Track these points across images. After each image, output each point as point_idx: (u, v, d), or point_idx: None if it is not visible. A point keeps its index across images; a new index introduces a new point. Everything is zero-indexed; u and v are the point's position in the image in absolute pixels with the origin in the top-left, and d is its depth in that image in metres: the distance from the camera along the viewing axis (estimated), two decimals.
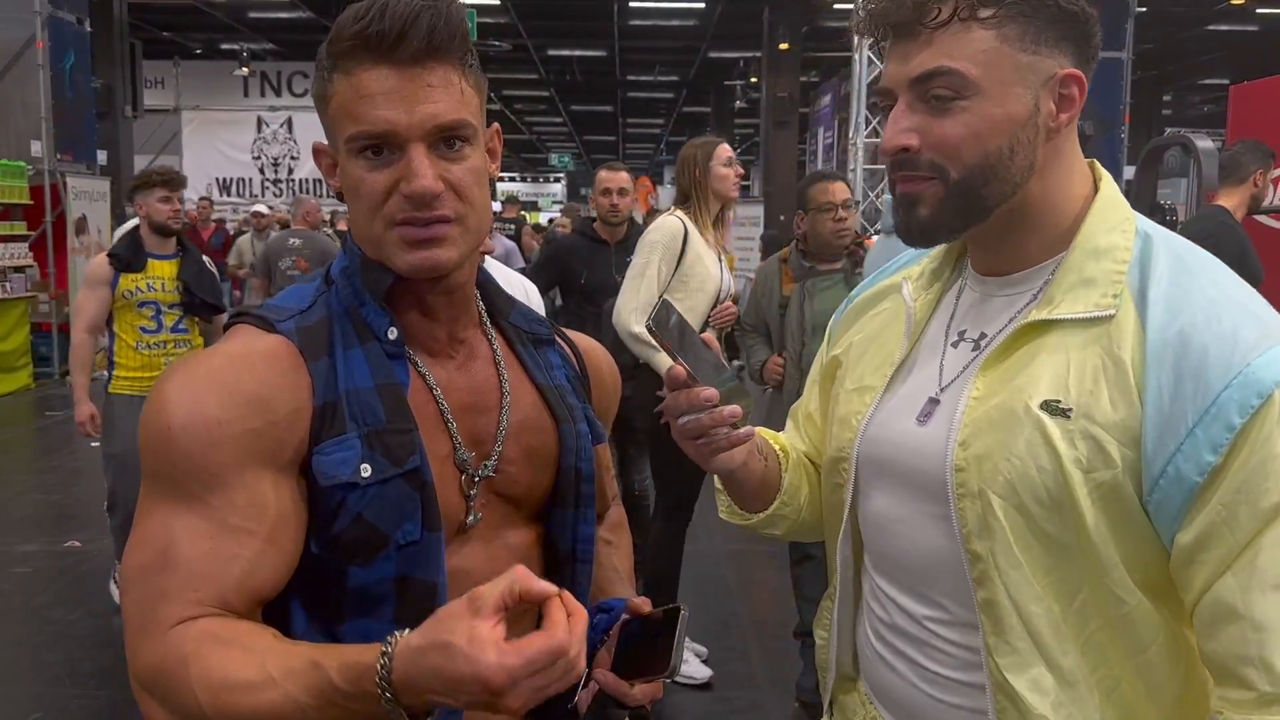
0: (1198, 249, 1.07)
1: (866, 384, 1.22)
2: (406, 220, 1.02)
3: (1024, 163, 1.04)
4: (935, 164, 1.05)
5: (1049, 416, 1.00)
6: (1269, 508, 0.93)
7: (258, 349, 1.03)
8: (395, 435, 1.03)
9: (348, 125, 1.01)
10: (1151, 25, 16.17)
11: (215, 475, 0.97)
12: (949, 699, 1.11)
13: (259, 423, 0.98)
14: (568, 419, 1.19)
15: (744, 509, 1.33)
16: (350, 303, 1.09)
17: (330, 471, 1.00)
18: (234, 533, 0.97)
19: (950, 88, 1.02)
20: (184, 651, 0.91)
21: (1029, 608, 1.02)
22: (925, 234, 1.09)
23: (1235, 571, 0.94)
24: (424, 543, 1.04)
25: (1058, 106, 1.05)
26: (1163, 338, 0.97)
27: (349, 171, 1.04)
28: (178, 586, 0.95)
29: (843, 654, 1.29)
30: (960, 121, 1.03)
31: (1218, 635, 0.96)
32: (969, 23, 1.02)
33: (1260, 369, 0.94)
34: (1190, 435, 0.94)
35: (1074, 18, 1.04)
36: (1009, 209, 1.07)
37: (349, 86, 1.01)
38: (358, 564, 1.02)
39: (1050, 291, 1.05)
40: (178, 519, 0.97)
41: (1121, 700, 1.03)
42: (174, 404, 0.98)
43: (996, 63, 1.02)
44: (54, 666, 3.79)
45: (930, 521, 1.10)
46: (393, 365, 1.07)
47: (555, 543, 1.20)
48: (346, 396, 1.03)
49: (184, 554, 0.96)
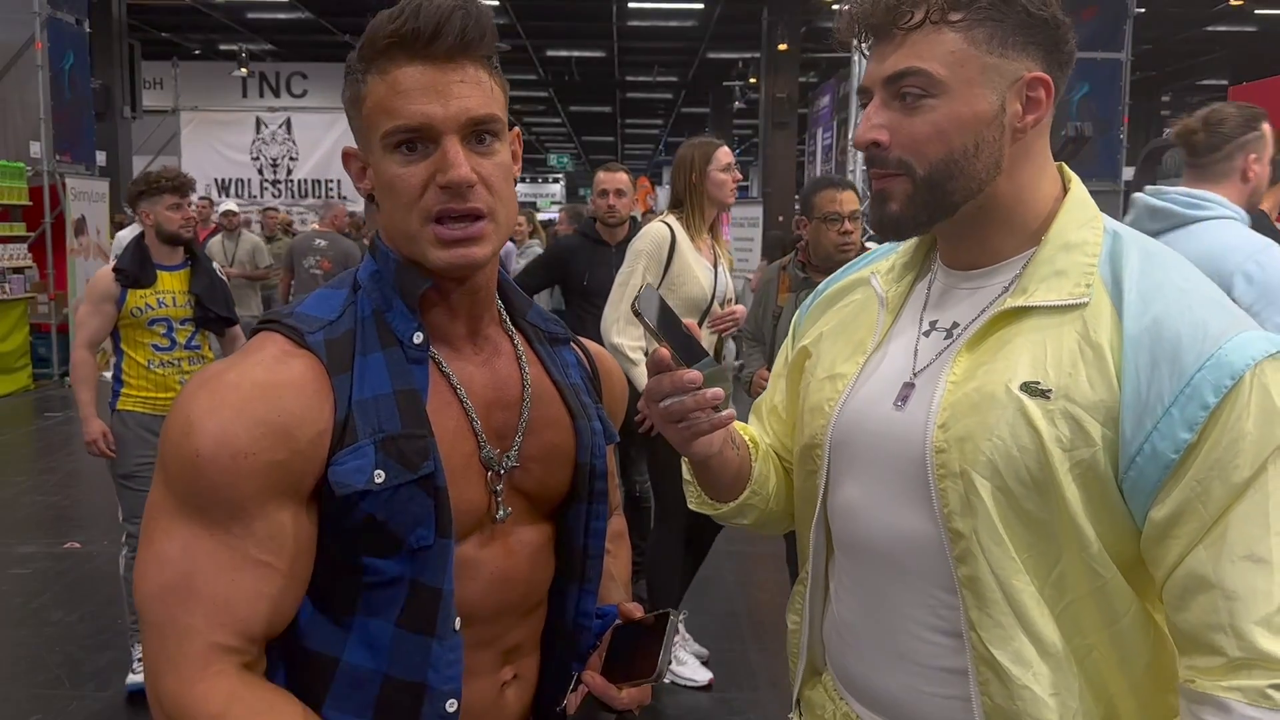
0: (1164, 246, 1.13)
1: (838, 372, 1.24)
2: (444, 213, 1.04)
3: (989, 161, 1.09)
4: (903, 160, 1.10)
5: (1029, 397, 1.04)
6: (1240, 482, 0.98)
7: (286, 378, 1.03)
8: (410, 441, 1.04)
9: (384, 121, 1.04)
10: (1150, 26, 16.18)
11: (240, 505, 0.99)
12: (929, 688, 1.13)
13: (284, 454, 1.00)
14: (583, 416, 1.21)
15: (714, 499, 1.35)
16: (378, 306, 1.10)
17: (345, 480, 1.02)
18: (256, 566, 0.99)
19: (919, 86, 1.08)
20: (213, 711, 0.96)
21: (1011, 581, 1.06)
22: (895, 228, 1.15)
23: (1207, 544, 0.99)
24: (435, 548, 1.05)
25: (1024, 108, 1.09)
26: (1139, 325, 1.03)
27: (384, 169, 1.06)
28: (204, 623, 0.97)
29: (813, 643, 1.31)
30: (927, 120, 1.08)
31: (1189, 606, 1.00)
32: (940, 25, 1.07)
33: (1231, 352, 0.99)
34: (1167, 415, 0.99)
35: (1043, 23, 1.08)
36: (978, 206, 1.12)
37: (385, 85, 1.04)
38: (373, 555, 1.04)
39: (1024, 282, 1.10)
40: (199, 544, 0.99)
41: (1094, 669, 1.07)
42: (202, 431, 0.99)
43: (963, 64, 1.07)
44: (53, 668, 3.78)
45: (908, 502, 1.13)
46: (413, 370, 1.08)
47: (568, 539, 1.21)
48: (359, 406, 1.04)
49: (210, 586, 0.98)
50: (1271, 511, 0.98)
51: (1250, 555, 0.98)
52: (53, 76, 10.22)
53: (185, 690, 0.96)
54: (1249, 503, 0.98)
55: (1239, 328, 1.02)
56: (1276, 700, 0.95)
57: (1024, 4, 1.07)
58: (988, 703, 1.08)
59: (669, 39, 20.16)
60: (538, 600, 1.20)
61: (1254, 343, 1.01)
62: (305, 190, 17.23)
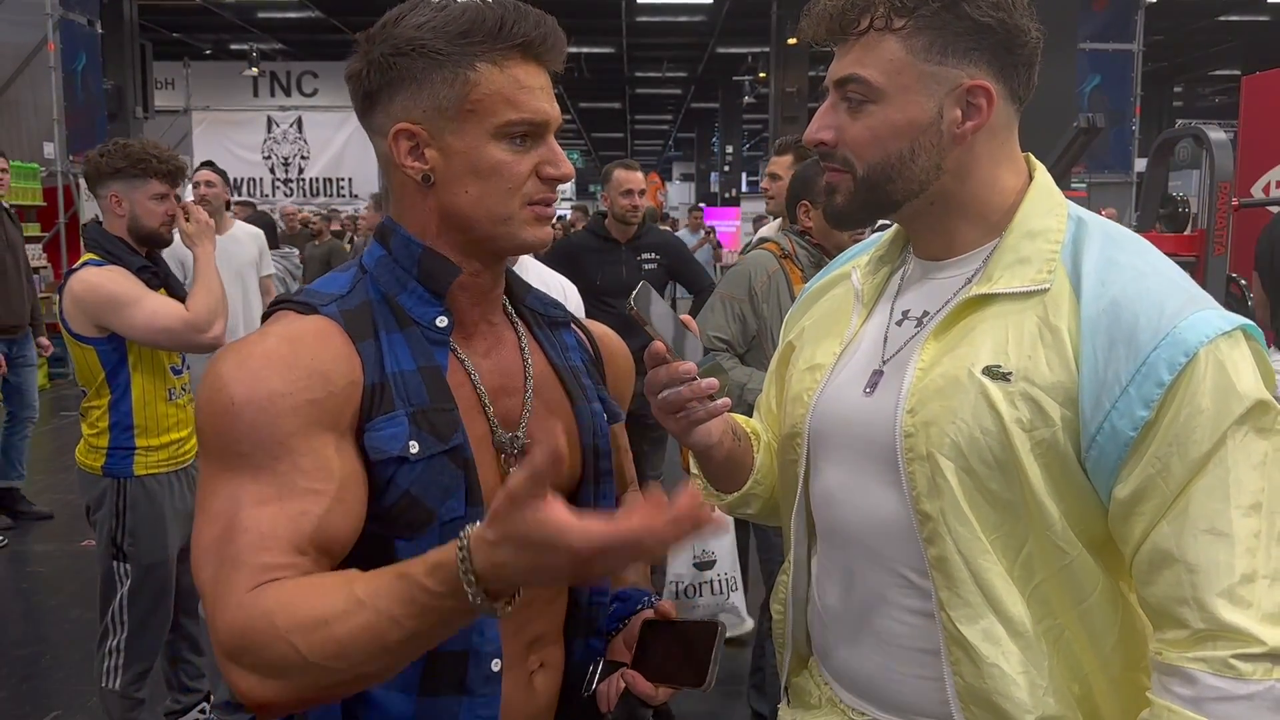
0: (1128, 230, 1.16)
1: (817, 362, 1.29)
2: (543, 199, 1.12)
3: (927, 164, 1.13)
4: (846, 159, 1.16)
5: (991, 380, 1.08)
6: (1199, 457, 1.01)
7: (308, 329, 1.07)
8: (439, 414, 1.08)
9: (506, 111, 1.09)
10: (1162, 16, 16.09)
11: (281, 444, 1.00)
12: (904, 669, 1.17)
13: (320, 393, 1.02)
14: (581, 398, 1.24)
15: (719, 489, 1.39)
16: (390, 290, 1.13)
17: (381, 446, 1.04)
18: (302, 494, 1.00)
19: (859, 92, 1.13)
20: (267, 607, 0.93)
21: (978, 561, 1.09)
22: (839, 219, 1.21)
23: (1170, 519, 1.02)
24: (467, 518, 1.08)
25: (964, 115, 1.12)
26: (1097, 307, 1.06)
27: (488, 153, 1.09)
28: (248, 550, 0.96)
29: (798, 631, 1.35)
30: (866, 124, 1.13)
31: (1155, 581, 1.04)
32: (883, 33, 1.12)
33: (1186, 330, 1.02)
34: (1124, 393, 1.02)
35: (989, 30, 1.10)
36: (929, 201, 1.16)
37: (504, 77, 1.09)
38: (405, 537, 1.06)
39: (989, 270, 1.14)
40: (243, 490, 0.99)
41: (1066, 648, 1.10)
42: (235, 381, 1.01)
43: (901, 71, 1.11)
44: (72, 665, 3.82)
45: (881, 487, 1.16)
46: (433, 350, 1.11)
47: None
48: (393, 378, 1.07)
49: (251, 519, 0.98)
50: (1231, 485, 1.01)
51: (1211, 529, 1.01)
52: (65, 77, 10.28)
53: (237, 614, 0.93)
54: (1209, 477, 1.01)
55: (1195, 307, 1.04)
56: (1240, 670, 0.98)
57: (969, 11, 1.09)
58: (959, 682, 1.11)
59: (678, 34, 20.15)
60: (558, 587, 1.22)
61: (1208, 321, 1.03)
62: (317, 189, 17.27)
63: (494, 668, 1.11)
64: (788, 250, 3.00)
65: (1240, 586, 1.00)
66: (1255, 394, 1.02)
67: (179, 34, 19.50)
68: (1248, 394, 1.02)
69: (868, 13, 1.12)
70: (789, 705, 1.38)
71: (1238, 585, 1.00)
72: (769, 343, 2.93)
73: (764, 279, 2.95)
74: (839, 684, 1.26)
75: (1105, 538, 1.10)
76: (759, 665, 3.15)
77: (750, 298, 2.95)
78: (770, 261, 2.99)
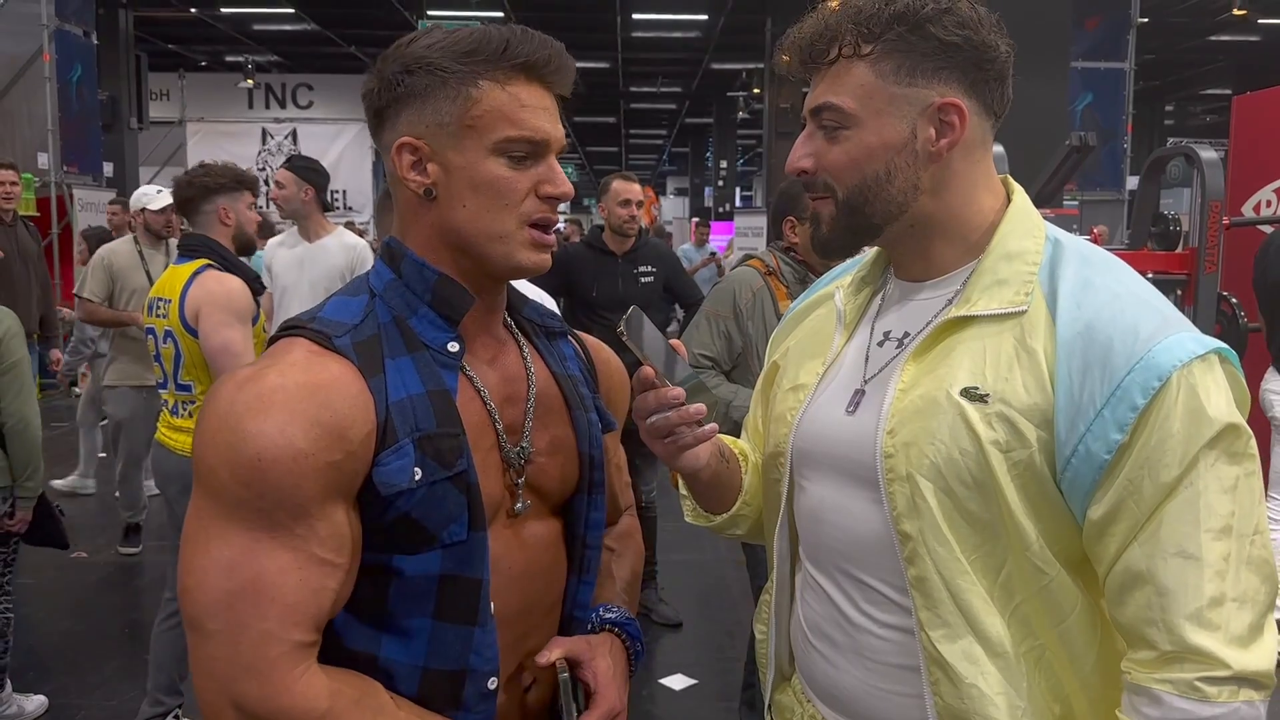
0: (1104, 252, 1.16)
1: (800, 382, 1.30)
2: (542, 220, 1.12)
3: (905, 184, 1.15)
4: (827, 184, 1.18)
5: (968, 402, 1.08)
6: (1169, 481, 1.02)
7: (329, 378, 1.04)
8: (445, 440, 1.07)
9: (504, 128, 1.09)
10: (1153, 35, 16.20)
11: (302, 506, 1.00)
12: (885, 685, 1.17)
13: (339, 455, 1.02)
14: (579, 407, 1.24)
15: (708, 510, 1.41)
16: (399, 312, 1.13)
17: (390, 480, 1.04)
18: (320, 565, 1.01)
19: (833, 120, 1.15)
20: (318, 708, 1.00)
21: (957, 581, 1.10)
22: (824, 248, 1.23)
23: (1141, 541, 1.03)
24: (469, 542, 1.09)
25: (938, 133, 1.14)
26: (1072, 330, 1.06)
27: (485, 169, 1.10)
28: (279, 625, 0.99)
29: (780, 649, 1.35)
30: (843, 150, 1.15)
31: (1126, 601, 1.05)
32: (852, 60, 1.14)
33: (1159, 354, 1.03)
34: (1099, 416, 1.03)
35: (955, 48, 1.12)
36: (908, 224, 1.17)
37: (505, 95, 1.10)
38: (404, 552, 1.07)
39: (967, 292, 1.15)
40: (261, 548, 0.99)
41: (1047, 668, 1.11)
42: (259, 434, 0.99)
43: (871, 95, 1.13)
44: (61, 676, 3.80)
45: (862, 505, 1.17)
46: (442, 373, 1.11)
47: (571, 530, 1.24)
48: (398, 406, 1.06)
49: (277, 588, 0.99)
50: (1201, 509, 1.02)
51: (1181, 551, 1.01)
52: (60, 88, 10.28)
53: (281, 692, 0.98)
54: (1179, 500, 1.02)
55: (1169, 330, 1.05)
56: (1204, 692, 1.00)
57: (934, 32, 1.11)
58: (939, 701, 1.11)
59: (673, 50, 20.23)
60: (555, 597, 1.23)
61: (1182, 345, 1.04)
62: None
63: (490, 685, 1.12)
64: (772, 267, 3.01)
65: (1208, 609, 1.00)
66: (1226, 418, 1.03)
67: (174, 45, 19.53)
68: (1218, 418, 1.02)
69: (835, 41, 1.14)
70: None
71: (1206, 608, 1.00)
72: (754, 359, 2.93)
73: (749, 296, 2.96)
74: (821, 701, 1.26)
75: (1082, 558, 1.10)
76: (750, 681, 3.15)
77: (735, 315, 2.96)
78: (755, 278, 2.99)
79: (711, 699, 3.74)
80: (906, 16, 1.11)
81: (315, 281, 4.17)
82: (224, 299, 3.02)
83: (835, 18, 1.15)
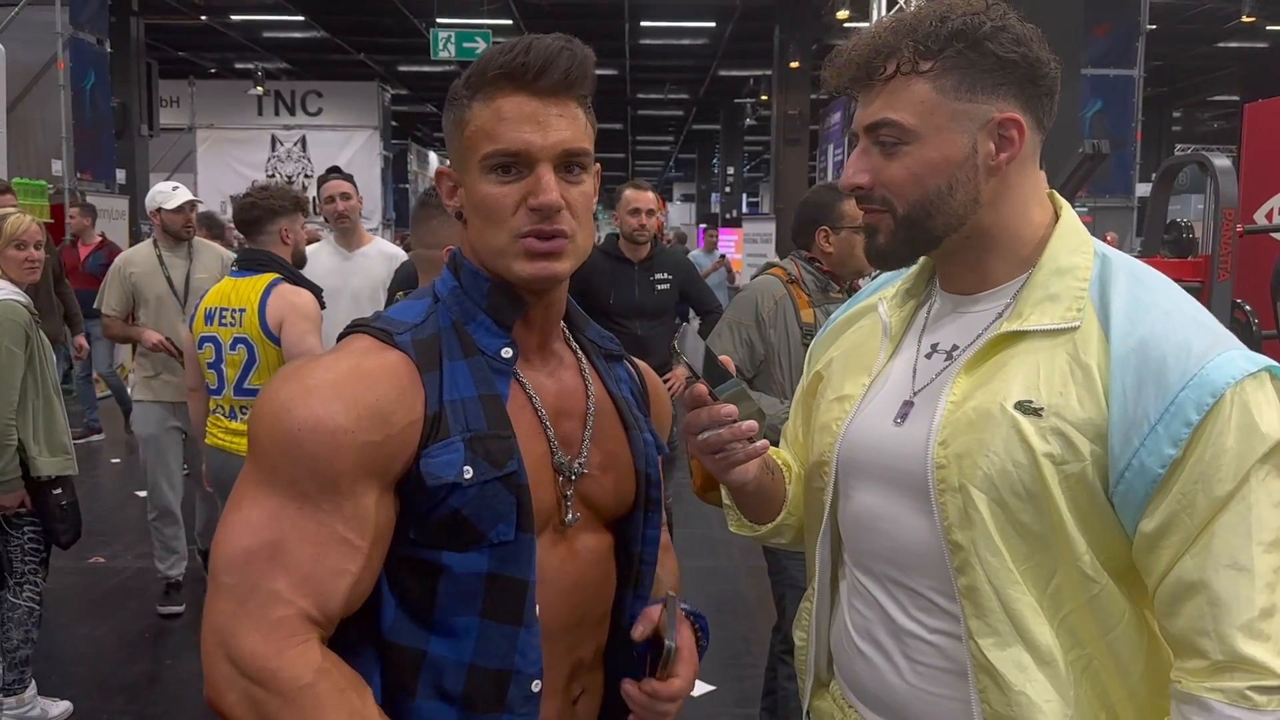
0: (1150, 268, 1.19)
1: (846, 393, 1.32)
2: (532, 233, 1.12)
3: (965, 198, 1.17)
4: (886, 199, 1.19)
5: (1023, 415, 1.10)
6: (1223, 495, 1.04)
7: (380, 364, 1.09)
8: (496, 441, 1.10)
9: (484, 144, 1.12)
10: (1161, 42, 16.21)
11: (332, 481, 1.03)
12: (933, 690, 1.19)
13: (378, 436, 1.05)
14: (636, 427, 1.27)
15: (753, 520, 1.42)
16: (458, 318, 1.17)
17: (437, 472, 1.07)
18: (341, 543, 1.04)
19: (893, 135, 1.17)
20: (300, 678, 1.00)
21: (1008, 591, 1.11)
22: (882, 259, 1.25)
23: (1193, 553, 1.06)
24: (517, 543, 1.11)
25: (997, 147, 1.16)
26: (1125, 346, 1.09)
27: (478, 188, 1.13)
28: (289, 589, 1.01)
29: (820, 656, 1.37)
30: (903, 165, 1.17)
31: (1178, 612, 1.07)
32: (910, 76, 1.15)
33: (1213, 371, 1.05)
34: (1152, 432, 1.05)
35: (1013, 65, 1.14)
36: (965, 236, 1.19)
37: (489, 111, 1.12)
38: (454, 549, 1.09)
39: (1019, 307, 1.17)
40: (287, 514, 1.03)
41: (1094, 677, 1.13)
42: (302, 407, 1.04)
43: (933, 112, 1.15)
44: (83, 681, 3.82)
45: (912, 515, 1.19)
46: (495, 378, 1.14)
47: (626, 546, 1.26)
48: (451, 405, 1.10)
49: (295, 556, 1.02)
50: (1253, 522, 1.04)
51: (1234, 564, 1.04)
52: (74, 96, 10.33)
53: (272, 654, 1.00)
54: (1231, 514, 1.04)
55: (1221, 348, 1.07)
56: (1255, 701, 1.02)
57: (992, 49, 1.13)
58: (987, 709, 1.13)
59: (681, 56, 20.26)
60: (605, 609, 1.25)
61: (1235, 362, 1.06)
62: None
63: (534, 688, 1.13)
64: (794, 275, 3.02)
65: (1259, 621, 1.03)
66: (1278, 434, 1.05)
67: (184, 52, 19.61)
68: (1270, 434, 1.05)
69: (893, 58, 1.15)
70: None
71: (1257, 619, 1.03)
72: (776, 368, 2.95)
73: (771, 304, 2.97)
74: (865, 705, 1.28)
75: (1130, 568, 1.12)
76: (771, 688, 3.16)
77: (758, 323, 2.98)
78: (777, 287, 3.01)
79: (730, 705, 3.75)
80: (965, 34, 1.13)
81: (358, 291, 4.22)
82: (305, 309, 3.30)
83: (891, 35, 1.16)
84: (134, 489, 6.42)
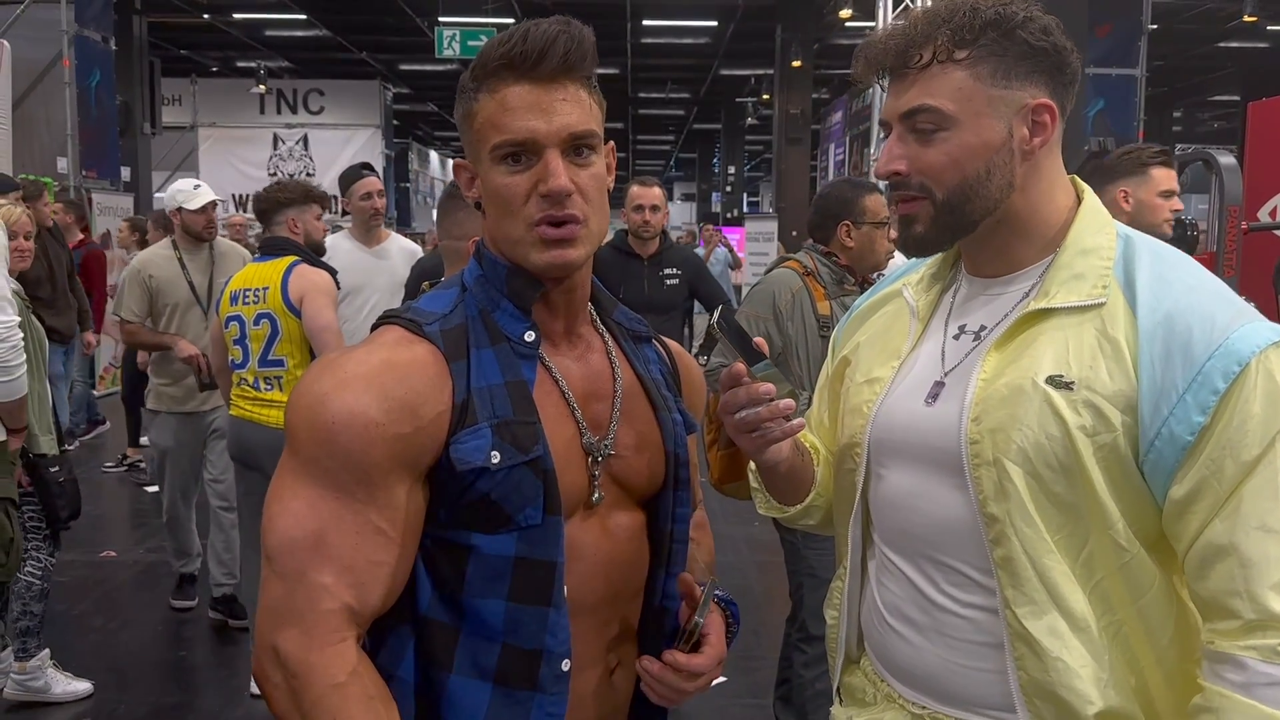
0: (1173, 249, 1.23)
1: (875, 376, 1.35)
2: (544, 219, 1.14)
3: (1002, 182, 1.20)
4: (924, 185, 1.22)
5: (1054, 389, 1.14)
6: (1250, 460, 1.08)
7: (409, 358, 1.12)
8: (522, 426, 1.13)
9: (492, 135, 1.15)
10: (1162, 42, 16.23)
11: (367, 473, 1.07)
12: (967, 663, 1.22)
13: (409, 429, 1.09)
14: (664, 407, 1.29)
15: (782, 502, 1.46)
16: (484, 306, 1.20)
17: (465, 458, 1.10)
18: (376, 533, 1.08)
19: (931, 122, 1.20)
20: (335, 678, 1.05)
21: (1043, 560, 1.15)
22: (921, 247, 1.28)
23: (1223, 517, 1.09)
24: (544, 526, 1.14)
25: (1031, 132, 1.20)
26: (1152, 320, 1.13)
27: (491, 179, 1.16)
28: (334, 581, 1.06)
29: (850, 633, 1.40)
30: (941, 150, 1.20)
31: (1208, 575, 1.10)
32: (947, 64, 1.19)
33: (1238, 341, 1.09)
34: (1181, 401, 1.09)
35: (1044, 53, 1.19)
36: (996, 220, 1.23)
37: (494, 103, 1.15)
38: (483, 531, 1.13)
39: (1046, 286, 1.21)
40: (325, 504, 1.07)
41: (1124, 643, 1.17)
42: (337, 400, 1.08)
43: (971, 98, 1.18)
44: (98, 673, 3.85)
45: (946, 491, 1.23)
46: (521, 364, 1.17)
47: (658, 524, 1.29)
48: (478, 392, 1.13)
49: (334, 545, 1.07)
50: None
51: (1263, 525, 1.07)
52: (79, 94, 10.35)
53: (313, 650, 1.04)
54: (1259, 477, 1.08)
55: (1244, 319, 1.12)
56: None
57: (1024, 37, 1.17)
58: (1024, 676, 1.16)
59: (682, 55, 20.30)
60: (638, 586, 1.28)
61: (1259, 332, 1.10)
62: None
63: (564, 667, 1.16)
64: (810, 268, 3.05)
65: None
66: None
67: (187, 51, 19.64)
68: None
69: (929, 46, 1.19)
70: (842, 705, 1.43)
71: None
72: (793, 359, 2.98)
73: (788, 297, 3.00)
74: (898, 680, 1.31)
75: (1160, 537, 1.16)
76: (785, 677, 3.19)
77: (775, 315, 3.00)
78: (794, 280, 3.03)
79: (742, 696, 3.79)
80: (999, 23, 1.17)
81: (381, 289, 4.22)
82: (324, 286, 3.53)
83: (925, 25, 1.20)
84: (144, 483, 6.46)
